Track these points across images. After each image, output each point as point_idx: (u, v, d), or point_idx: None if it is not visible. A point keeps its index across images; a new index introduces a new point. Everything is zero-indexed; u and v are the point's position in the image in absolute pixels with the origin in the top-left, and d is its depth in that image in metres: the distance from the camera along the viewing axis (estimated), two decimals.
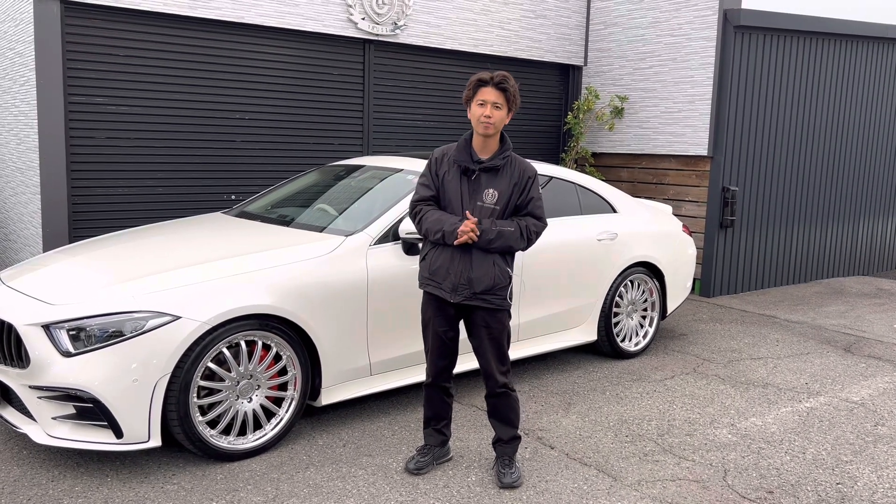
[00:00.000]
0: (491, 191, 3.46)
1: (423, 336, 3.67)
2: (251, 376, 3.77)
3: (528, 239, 3.52)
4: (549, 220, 5.07)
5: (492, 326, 3.53)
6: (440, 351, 3.60)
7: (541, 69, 8.83)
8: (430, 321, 3.59)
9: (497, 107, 3.40)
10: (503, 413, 3.65)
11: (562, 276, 5.13)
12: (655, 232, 5.86)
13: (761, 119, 8.11)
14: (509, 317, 3.60)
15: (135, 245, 4.38)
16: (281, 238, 4.29)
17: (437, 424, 3.76)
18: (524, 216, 3.54)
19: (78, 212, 6.09)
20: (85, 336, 3.43)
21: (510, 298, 3.57)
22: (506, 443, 3.67)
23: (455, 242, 3.38)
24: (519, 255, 4.79)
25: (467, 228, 3.34)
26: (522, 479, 3.63)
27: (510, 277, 3.54)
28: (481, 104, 3.40)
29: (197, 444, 3.61)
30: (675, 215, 7.49)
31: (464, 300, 3.47)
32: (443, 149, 3.59)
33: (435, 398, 3.71)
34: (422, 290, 3.63)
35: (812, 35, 8.38)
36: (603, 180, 8.24)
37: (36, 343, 3.46)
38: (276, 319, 3.79)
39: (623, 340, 5.67)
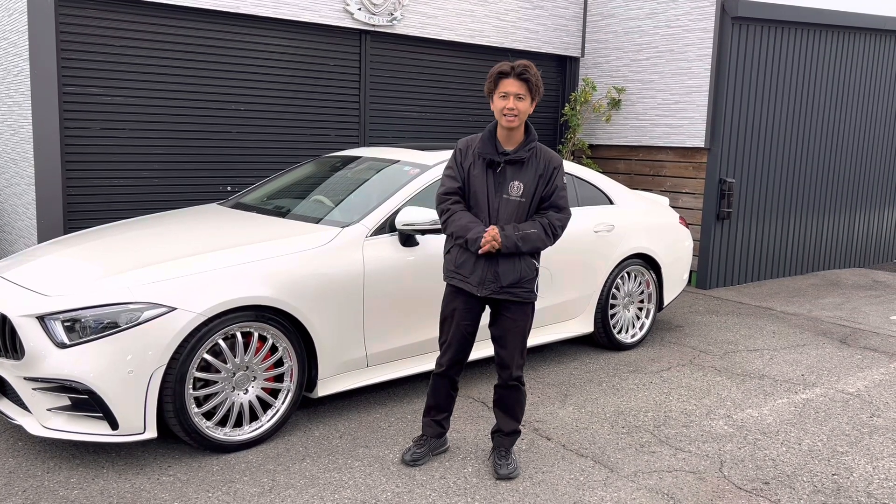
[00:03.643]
0: (516, 183, 3.42)
1: (440, 327, 3.63)
2: (247, 368, 3.76)
3: (554, 235, 3.48)
4: None
5: (517, 319, 3.53)
6: (460, 344, 3.57)
7: (538, 60, 8.80)
8: (453, 313, 3.56)
9: (520, 98, 3.36)
10: (510, 405, 3.65)
11: (559, 267, 5.12)
12: (652, 224, 5.86)
13: (758, 111, 8.10)
14: (533, 310, 3.60)
15: (130, 236, 4.36)
16: (277, 229, 4.28)
17: (438, 416, 3.75)
18: (546, 208, 3.49)
19: (73, 203, 6.06)
20: (80, 327, 3.42)
21: (537, 290, 3.57)
22: (505, 435, 3.67)
23: (479, 252, 3.37)
24: None
25: (489, 237, 3.33)
26: (519, 471, 3.63)
27: (537, 270, 3.54)
28: (503, 96, 3.36)
29: (193, 436, 3.60)
30: (672, 207, 7.48)
31: (491, 294, 3.47)
32: (467, 140, 3.55)
33: (441, 389, 3.69)
34: (445, 283, 3.61)
35: (810, 27, 8.37)
36: (600, 172, 8.23)
37: (31, 334, 3.45)
38: (271, 311, 3.78)
39: (620, 332, 5.67)
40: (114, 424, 3.43)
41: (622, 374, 5.14)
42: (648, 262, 5.78)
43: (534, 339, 5.09)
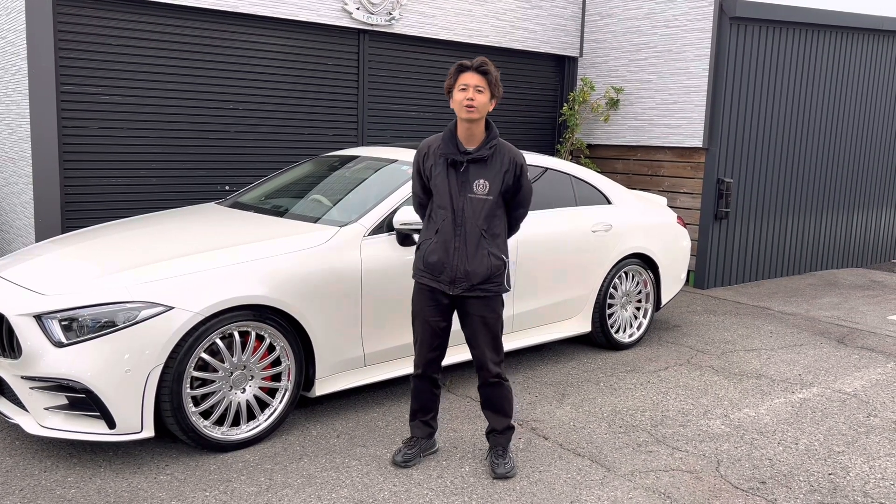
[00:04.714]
0: (481, 181, 3.43)
1: (412, 326, 3.65)
2: (244, 367, 3.76)
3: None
4: (543, 212, 5.14)
5: (486, 316, 3.53)
6: (431, 341, 3.59)
7: (536, 60, 8.80)
8: (421, 311, 3.58)
9: (479, 90, 3.37)
10: (497, 403, 3.65)
11: (556, 267, 5.13)
12: (650, 223, 5.86)
13: (757, 111, 8.10)
14: (502, 305, 3.60)
15: (128, 235, 4.35)
16: (275, 229, 4.28)
17: (424, 416, 3.75)
18: (514, 206, 3.56)
19: (70, 202, 6.05)
20: (77, 326, 3.42)
21: (508, 283, 3.58)
22: (499, 433, 3.67)
23: None
24: (514, 245, 4.79)
25: None
26: (516, 470, 3.63)
27: (505, 262, 3.54)
28: (463, 89, 3.38)
29: (190, 435, 3.60)
30: (670, 207, 7.49)
31: (463, 292, 3.48)
32: (428, 141, 3.57)
33: (423, 390, 3.69)
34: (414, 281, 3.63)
35: (808, 27, 8.38)
36: (598, 172, 8.23)
37: (28, 333, 3.45)
38: (269, 310, 3.78)
39: (617, 332, 5.68)
40: (111, 423, 3.43)
41: (619, 374, 5.15)
42: (646, 262, 5.79)
43: (531, 339, 5.10)
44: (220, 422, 3.74)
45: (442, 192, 3.46)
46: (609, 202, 5.69)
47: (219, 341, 3.65)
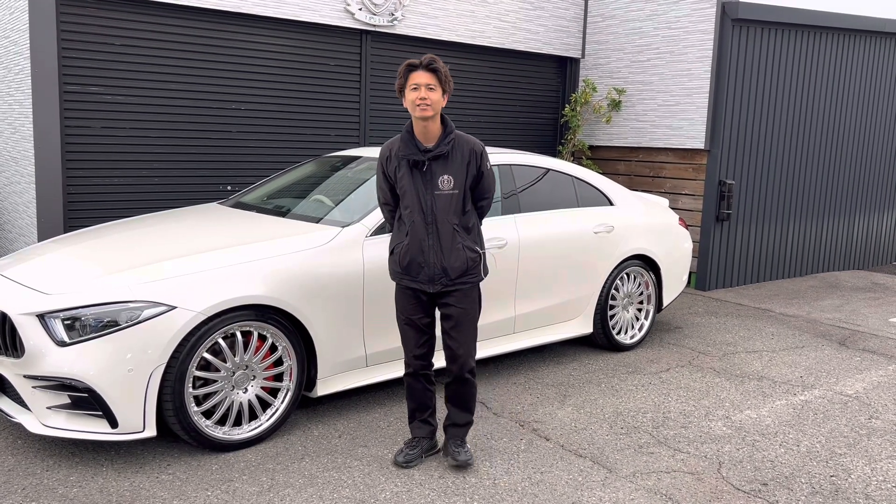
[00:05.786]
0: (446, 177, 3.46)
1: (399, 327, 3.67)
2: (247, 367, 3.77)
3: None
4: (545, 213, 5.15)
5: (467, 307, 3.56)
6: (417, 338, 3.61)
7: (538, 61, 8.81)
8: (404, 309, 3.61)
9: (431, 88, 3.39)
10: (465, 400, 3.68)
11: (558, 268, 5.13)
12: (652, 225, 5.86)
13: (758, 113, 8.11)
14: (479, 293, 3.63)
15: (130, 235, 4.36)
16: (277, 229, 4.28)
17: (423, 415, 3.76)
18: (477, 194, 3.57)
19: (73, 201, 6.06)
20: (80, 325, 3.42)
21: (484, 272, 3.62)
22: (460, 426, 3.71)
23: None
24: (515, 247, 4.80)
25: None
26: (473, 457, 3.68)
27: (479, 253, 3.57)
28: (415, 88, 3.40)
29: (192, 435, 3.61)
30: (672, 208, 7.49)
31: (443, 288, 3.51)
32: (388, 145, 3.58)
33: (417, 388, 3.71)
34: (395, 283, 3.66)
35: (810, 29, 8.38)
36: (600, 173, 8.23)
37: (31, 332, 3.45)
38: (271, 310, 3.78)
39: (619, 333, 5.68)
40: (113, 423, 3.44)
41: (621, 375, 5.15)
42: (648, 264, 5.79)
43: (533, 340, 5.10)
44: (222, 421, 3.75)
45: (409, 192, 3.48)
46: (611, 203, 5.69)
47: (221, 341, 3.65)
